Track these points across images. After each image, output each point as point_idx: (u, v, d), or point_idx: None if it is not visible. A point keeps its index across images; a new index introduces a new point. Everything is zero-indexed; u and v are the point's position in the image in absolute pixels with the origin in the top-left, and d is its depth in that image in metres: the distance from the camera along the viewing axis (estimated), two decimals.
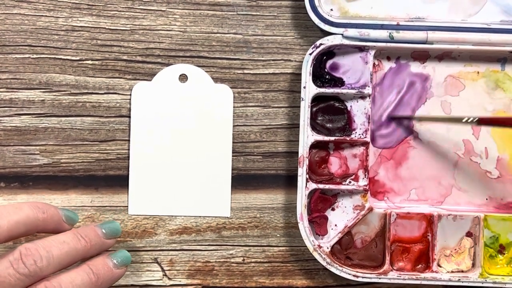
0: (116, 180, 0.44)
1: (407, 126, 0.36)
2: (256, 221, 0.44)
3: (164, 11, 0.44)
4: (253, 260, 0.44)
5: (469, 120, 0.34)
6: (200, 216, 0.44)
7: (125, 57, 0.44)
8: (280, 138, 0.44)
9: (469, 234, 0.43)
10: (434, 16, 0.43)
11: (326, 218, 0.43)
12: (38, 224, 0.38)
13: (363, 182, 0.43)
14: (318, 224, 0.43)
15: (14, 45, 0.43)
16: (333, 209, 0.44)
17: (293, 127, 0.44)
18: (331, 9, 0.43)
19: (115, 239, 0.41)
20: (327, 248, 0.42)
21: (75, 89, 0.44)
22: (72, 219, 0.40)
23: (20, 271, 0.35)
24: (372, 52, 0.43)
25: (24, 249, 0.36)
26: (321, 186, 0.43)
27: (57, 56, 0.44)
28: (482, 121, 0.34)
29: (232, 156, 0.44)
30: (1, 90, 0.43)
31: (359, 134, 0.43)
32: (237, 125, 0.44)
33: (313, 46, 0.42)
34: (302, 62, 0.42)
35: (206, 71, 0.44)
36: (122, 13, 0.44)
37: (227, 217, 0.44)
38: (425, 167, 0.44)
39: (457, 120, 0.34)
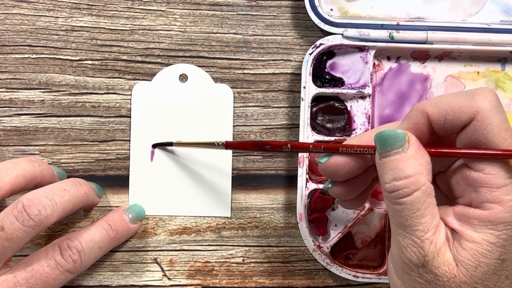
0: (116, 180, 0.44)
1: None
2: (256, 221, 0.44)
3: (164, 11, 0.44)
4: (253, 260, 0.44)
5: (219, 144, 0.38)
6: (200, 216, 0.44)
7: (125, 57, 0.44)
8: (280, 138, 0.44)
9: None
10: (434, 16, 0.43)
11: (326, 218, 0.43)
12: (36, 176, 0.39)
13: None
14: (318, 224, 0.43)
15: (14, 45, 0.43)
16: (333, 209, 0.44)
17: (293, 127, 0.44)
18: (331, 9, 0.43)
19: (100, 195, 0.43)
20: (327, 248, 0.42)
21: (74, 89, 0.44)
22: (62, 173, 0.43)
23: (26, 224, 0.35)
24: (372, 52, 0.43)
25: (26, 199, 0.36)
26: (321, 186, 0.43)
27: (56, 56, 0.44)
28: (228, 145, 0.38)
29: (232, 156, 0.44)
30: (1, 90, 0.43)
31: None
32: (237, 125, 0.44)
33: (313, 46, 0.42)
34: (302, 62, 0.42)
35: (206, 71, 0.44)
36: (122, 13, 0.44)
37: (227, 217, 0.44)
38: None
39: (209, 144, 0.39)
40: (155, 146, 0.43)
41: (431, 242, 0.30)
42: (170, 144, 0.42)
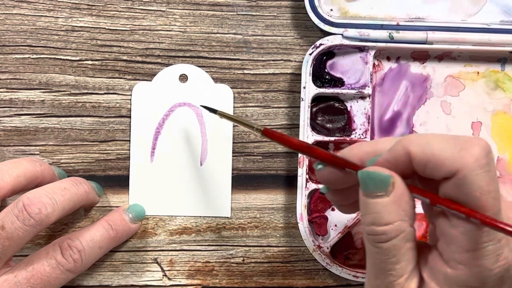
0: (116, 180, 0.44)
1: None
2: (256, 221, 0.44)
3: (164, 11, 0.44)
4: (253, 260, 0.44)
5: (257, 129, 0.37)
6: (200, 216, 0.44)
7: (125, 57, 0.44)
8: None
9: None
10: (434, 16, 0.43)
11: (326, 218, 0.43)
12: (37, 176, 0.39)
13: None
14: (318, 224, 0.43)
15: (14, 45, 0.43)
16: (333, 209, 0.44)
17: (293, 127, 0.44)
18: (331, 9, 0.43)
19: (100, 194, 0.43)
20: (327, 248, 0.42)
21: (75, 89, 0.44)
22: (62, 174, 0.43)
23: (26, 223, 0.35)
24: (372, 52, 0.43)
25: (26, 198, 0.36)
26: (321, 186, 0.42)
27: (57, 56, 0.44)
28: (265, 132, 0.36)
29: (232, 156, 0.44)
30: (1, 90, 0.43)
31: (359, 135, 0.43)
32: (237, 125, 0.44)
33: (313, 46, 0.42)
34: (302, 62, 0.42)
35: (206, 71, 0.44)
36: (122, 13, 0.44)
37: (227, 217, 0.44)
38: None
39: (248, 125, 0.38)
40: (202, 106, 0.42)
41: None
42: (215, 111, 0.40)
